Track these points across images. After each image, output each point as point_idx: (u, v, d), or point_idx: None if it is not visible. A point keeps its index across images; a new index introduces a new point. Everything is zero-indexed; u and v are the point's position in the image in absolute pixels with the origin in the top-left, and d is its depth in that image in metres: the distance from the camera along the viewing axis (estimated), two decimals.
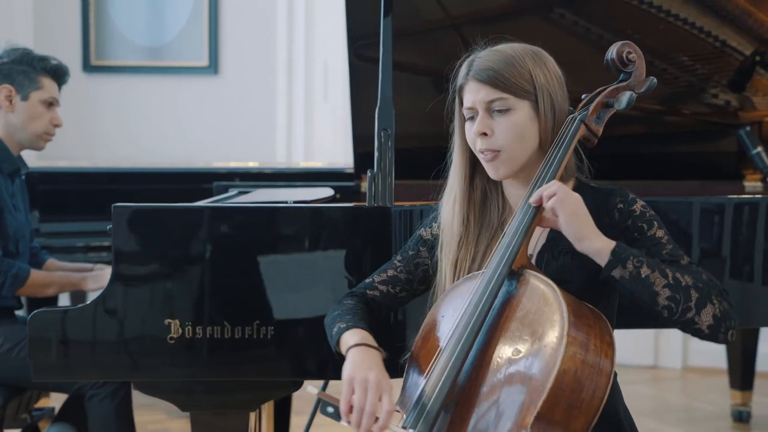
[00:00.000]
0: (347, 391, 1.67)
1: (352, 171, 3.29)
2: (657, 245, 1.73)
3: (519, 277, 1.69)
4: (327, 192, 2.86)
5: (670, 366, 5.20)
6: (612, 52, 1.83)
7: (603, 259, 1.66)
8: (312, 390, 1.66)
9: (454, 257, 1.85)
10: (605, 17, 2.99)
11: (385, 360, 1.75)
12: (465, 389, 1.64)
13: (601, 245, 1.66)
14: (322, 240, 2.18)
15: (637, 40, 2.96)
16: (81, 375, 2.27)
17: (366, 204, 2.29)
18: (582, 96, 1.85)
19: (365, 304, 1.91)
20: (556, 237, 1.77)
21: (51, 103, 2.98)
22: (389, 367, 1.75)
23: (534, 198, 1.71)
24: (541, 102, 1.77)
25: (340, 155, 4.98)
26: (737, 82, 3.20)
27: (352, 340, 1.75)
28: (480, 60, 1.79)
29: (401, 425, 1.65)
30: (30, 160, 3.12)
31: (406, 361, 1.81)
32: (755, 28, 3.07)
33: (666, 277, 1.64)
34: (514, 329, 1.64)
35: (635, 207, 1.77)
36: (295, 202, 2.33)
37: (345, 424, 1.67)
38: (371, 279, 1.95)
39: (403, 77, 2.55)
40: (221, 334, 2.12)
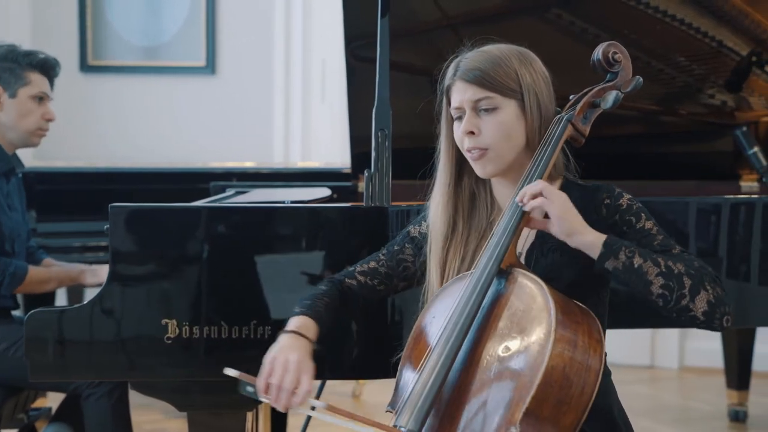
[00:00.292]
0: (266, 371, 1.71)
1: (349, 171, 3.29)
2: (647, 237, 1.75)
3: (508, 276, 1.70)
4: (324, 192, 2.86)
5: (666, 366, 5.20)
6: (598, 52, 1.85)
7: (595, 252, 1.67)
8: (230, 372, 1.69)
9: (441, 257, 1.86)
10: (602, 17, 2.99)
11: (315, 351, 1.77)
12: (455, 387, 1.65)
13: (593, 238, 1.68)
14: (319, 240, 2.18)
15: (634, 40, 3.02)
16: (78, 375, 2.27)
17: (363, 204, 2.30)
18: (570, 96, 1.86)
19: (339, 291, 1.91)
20: (545, 235, 1.78)
21: (41, 98, 2.93)
22: (386, 367, 1.75)
23: (519, 197, 1.72)
24: (528, 101, 1.78)
25: (337, 155, 4.98)
26: (734, 82, 3.20)
27: (290, 325, 1.79)
28: (466, 60, 1.81)
29: (392, 424, 1.65)
30: (27, 159, 3.10)
31: (398, 361, 1.81)
32: (752, 28, 3.08)
33: (658, 266, 1.65)
34: (503, 327, 1.65)
35: (622, 201, 1.78)
36: (293, 202, 2.34)
37: (264, 400, 1.70)
38: (353, 268, 1.96)
39: (400, 77, 2.55)
40: (218, 334, 2.12)
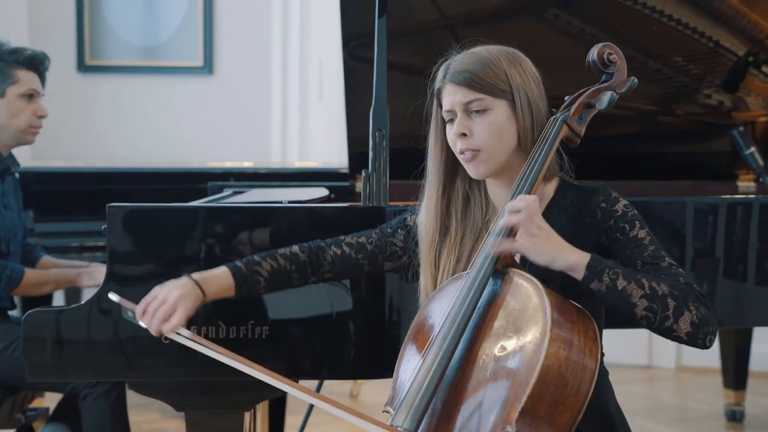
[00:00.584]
0: (149, 298, 1.83)
1: (346, 171, 3.28)
2: (639, 246, 1.74)
3: (504, 276, 1.71)
4: (322, 192, 2.86)
5: (663, 365, 5.20)
6: (593, 53, 1.85)
7: (579, 274, 1.66)
8: (113, 297, 1.87)
9: (432, 259, 1.87)
10: (599, 18, 3.00)
11: (206, 306, 1.87)
12: (452, 387, 1.66)
13: (575, 260, 1.66)
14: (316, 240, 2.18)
15: (631, 40, 3.02)
16: (76, 375, 2.27)
17: (361, 204, 2.30)
18: (565, 97, 1.86)
19: (312, 257, 1.94)
20: None
21: (31, 95, 2.89)
22: (384, 367, 1.74)
23: (487, 250, 1.70)
24: (518, 101, 1.79)
25: (334, 155, 4.99)
26: (730, 82, 3.21)
27: (201, 273, 1.87)
28: (456, 63, 1.82)
29: (389, 423, 1.66)
30: (25, 159, 3.09)
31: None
32: (748, 28, 3.08)
33: (642, 288, 1.65)
34: (499, 327, 1.65)
35: (617, 207, 1.77)
36: (290, 202, 2.34)
37: (141, 324, 1.82)
38: (343, 237, 1.97)
39: (398, 78, 2.55)
40: (216, 334, 2.12)
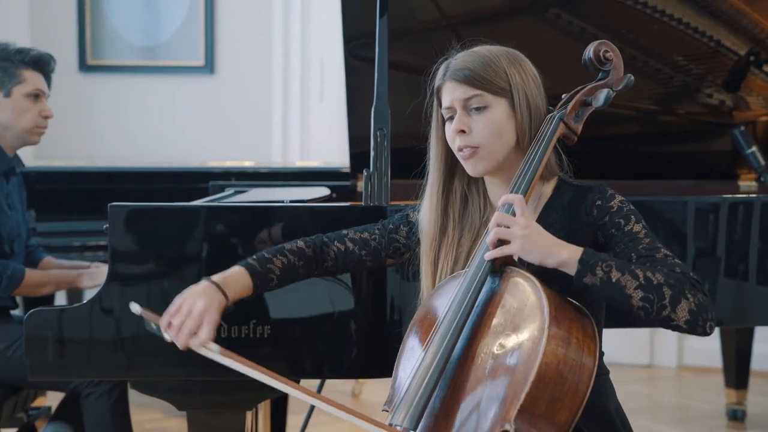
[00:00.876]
0: (173, 310, 1.74)
1: (348, 170, 3.29)
2: (634, 240, 1.73)
3: (502, 274, 1.71)
4: (323, 191, 2.87)
5: (665, 365, 5.21)
6: (589, 51, 1.86)
7: (572, 269, 1.65)
8: (134, 308, 1.74)
9: (432, 259, 1.87)
10: (600, 17, 3.00)
11: (227, 309, 1.79)
12: (450, 385, 1.66)
13: (567, 255, 1.65)
14: None
15: (632, 40, 3.02)
16: (77, 374, 2.27)
17: (362, 203, 2.30)
18: (562, 95, 1.86)
19: (317, 252, 1.93)
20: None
21: (37, 95, 2.90)
22: (384, 366, 1.74)
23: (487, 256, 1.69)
24: (517, 100, 1.79)
25: (336, 155, 4.99)
26: (732, 81, 3.21)
27: (219, 275, 1.81)
28: (456, 61, 1.83)
29: (387, 422, 1.66)
30: (26, 159, 3.09)
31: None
32: (749, 28, 3.08)
33: (637, 278, 1.63)
34: (497, 325, 1.66)
35: (613, 203, 1.77)
36: (292, 201, 2.34)
37: (166, 337, 1.74)
38: (346, 232, 1.97)
39: (399, 77, 2.55)
40: (217, 333, 2.11)
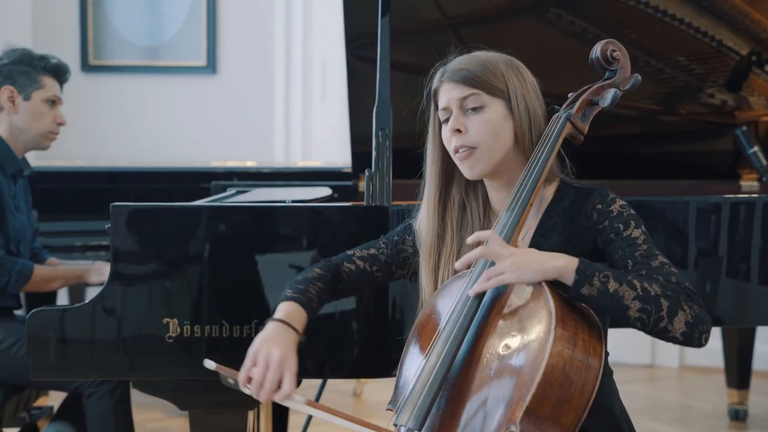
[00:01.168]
0: (249, 363, 1.70)
1: (349, 170, 3.29)
2: (632, 246, 1.71)
3: None
4: (325, 191, 2.87)
5: (666, 365, 5.21)
6: (596, 50, 1.85)
7: (569, 279, 1.63)
8: (209, 364, 1.68)
9: (432, 266, 1.86)
10: (602, 17, 2.99)
11: (302, 343, 1.75)
12: (455, 386, 1.65)
13: (563, 264, 1.63)
14: (319, 239, 2.19)
15: (634, 39, 3.02)
16: (79, 374, 2.27)
17: (364, 203, 2.30)
18: (568, 95, 1.86)
19: (334, 276, 1.91)
20: (544, 233, 1.78)
21: (54, 102, 2.98)
22: (386, 366, 1.74)
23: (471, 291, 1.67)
24: (515, 102, 1.79)
25: (337, 155, 4.99)
26: (733, 81, 3.21)
27: (278, 313, 1.77)
28: (453, 63, 1.83)
29: (392, 422, 1.66)
30: (28, 159, 3.12)
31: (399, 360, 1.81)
32: (751, 28, 3.08)
33: (634, 289, 1.61)
34: (502, 326, 1.65)
35: (613, 208, 1.76)
36: (293, 201, 2.34)
37: (246, 392, 1.69)
38: (351, 252, 1.96)
39: (401, 77, 2.55)
40: (219, 333, 2.12)
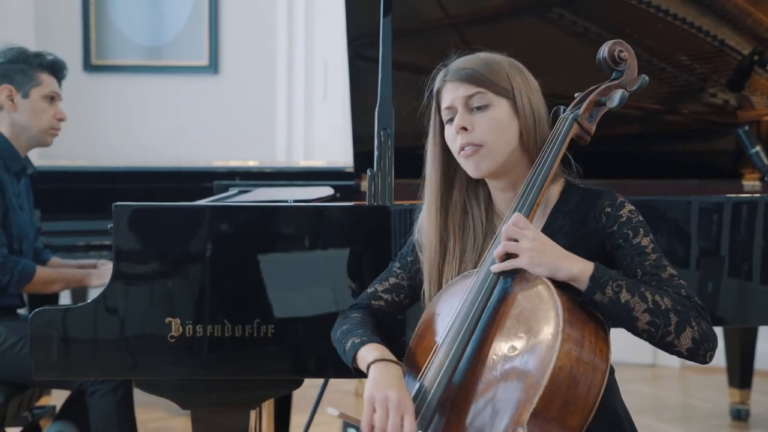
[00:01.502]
0: (368, 411, 1.65)
1: (351, 170, 3.29)
2: (641, 255, 1.71)
3: (514, 275, 1.70)
4: (327, 191, 2.87)
5: (668, 364, 5.20)
6: (604, 50, 1.84)
7: (582, 285, 1.63)
8: (332, 411, 1.65)
9: (435, 274, 1.85)
10: (604, 17, 2.99)
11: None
12: (462, 387, 1.65)
13: (578, 270, 1.64)
14: (322, 239, 2.19)
15: (636, 39, 3.02)
16: (82, 373, 2.27)
17: (366, 203, 2.30)
18: (575, 95, 1.86)
19: (372, 315, 1.89)
20: (550, 234, 1.77)
21: (52, 98, 2.99)
22: None
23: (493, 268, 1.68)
24: (519, 101, 1.78)
25: (339, 154, 4.99)
26: (736, 81, 3.20)
27: (370, 355, 1.73)
28: (457, 62, 1.82)
29: None
30: (31, 158, 3.13)
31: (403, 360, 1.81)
32: (754, 27, 3.08)
33: (646, 301, 1.62)
34: (509, 326, 1.64)
35: (622, 212, 1.75)
36: (295, 201, 2.34)
37: None
38: (374, 289, 1.93)
39: (403, 77, 2.55)
40: (221, 332, 2.12)
